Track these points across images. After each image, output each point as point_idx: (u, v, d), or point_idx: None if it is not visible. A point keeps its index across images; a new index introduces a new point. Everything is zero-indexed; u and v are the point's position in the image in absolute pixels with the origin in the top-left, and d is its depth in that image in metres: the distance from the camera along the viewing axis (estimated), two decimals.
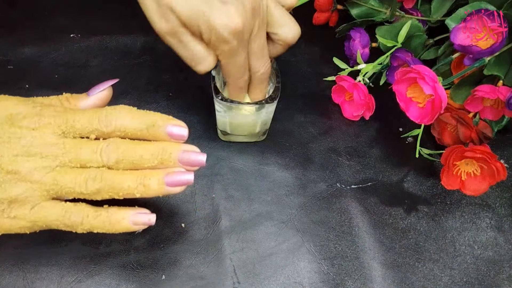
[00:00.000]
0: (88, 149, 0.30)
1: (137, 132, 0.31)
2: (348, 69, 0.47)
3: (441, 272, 0.38)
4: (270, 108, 0.40)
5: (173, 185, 0.31)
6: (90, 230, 0.31)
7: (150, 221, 0.31)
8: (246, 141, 0.44)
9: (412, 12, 0.49)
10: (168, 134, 0.31)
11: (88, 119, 0.31)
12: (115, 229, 0.31)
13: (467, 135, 0.40)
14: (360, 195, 0.42)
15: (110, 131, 0.31)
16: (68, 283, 0.35)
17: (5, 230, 0.30)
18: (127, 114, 0.31)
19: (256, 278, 0.36)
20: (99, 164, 0.30)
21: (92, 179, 0.30)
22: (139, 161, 0.30)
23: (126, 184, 0.30)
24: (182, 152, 0.31)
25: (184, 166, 0.31)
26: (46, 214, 0.30)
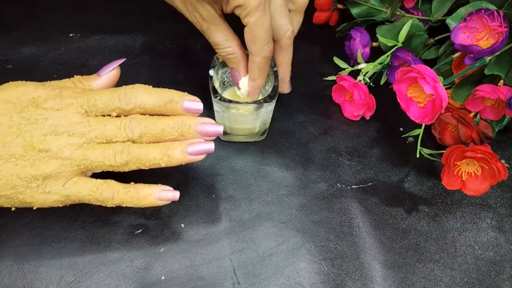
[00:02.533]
0: (112, 126, 0.32)
1: (156, 108, 0.33)
2: (348, 69, 0.47)
3: (441, 272, 0.38)
4: (269, 107, 0.40)
5: (195, 154, 0.33)
6: (119, 204, 0.33)
7: (174, 197, 0.34)
8: (246, 141, 0.44)
9: (412, 11, 0.48)
10: (185, 108, 0.34)
11: (109, 98, 0.33)
12: (142, 204, 0.33)
13: (468, 135, 0.40)
14: (360, 195, 0.42)
15: (130, 108, 0.33)
16: (68, 283, 0.35)
17: (40, 204, 0.32)
18: (145, 91, 0.33)
19: (256, 278, 0.36)
20: (124, 139, 0.33)
21: (120, 152, 0.32)
22: (161, 134, 0.33)
23: (152, 155, 0.32)
24: (200, 124, 0.34)
25: (203, 137, 0.34)
26: (79, 190, 0.32)
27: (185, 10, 0.36)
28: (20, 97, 0.32)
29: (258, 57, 0.37)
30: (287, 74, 0.41)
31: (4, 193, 0.31)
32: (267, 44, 0.36)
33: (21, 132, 0.31)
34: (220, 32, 0.37)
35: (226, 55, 0.38)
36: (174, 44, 0.52)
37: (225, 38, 0.37)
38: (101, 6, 0.54)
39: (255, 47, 0.36)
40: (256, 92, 0.39)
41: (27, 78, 0.46)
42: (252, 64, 0.37)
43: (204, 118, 0.34)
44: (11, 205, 0.32)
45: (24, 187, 0.31)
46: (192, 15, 0.36)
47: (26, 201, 0.32)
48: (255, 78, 0.38)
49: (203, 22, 0.36)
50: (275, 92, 0.39)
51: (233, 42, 0.37)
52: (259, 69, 0.38)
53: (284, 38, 0.38)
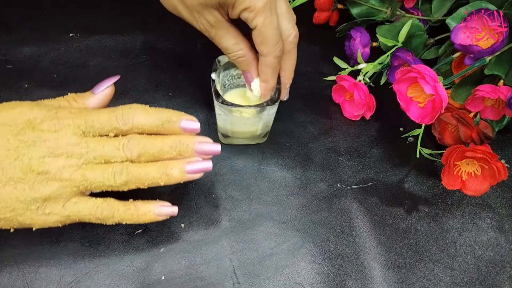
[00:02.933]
0: (111, 146, 0.32)
1: (154, 128, 0.33)
2: (348, 69, 0.47)
3: (441, 272, 0.38)
4: (272, 110, 0.40)
5: (193, 172, 0.34)
6: (119, 222, 0.33)
7: (173, 212, 0.34)
8: (247, 144, 0.44)
9: (412, 11, 0.48)
10: (182, 128, 0.34)
11: (107, 119, 0.33)
12: (142, 220, 0.34)
13: (468, 135, 0.40)
14: (360, 195, 0.42)
15: (128, 128, 0.33)
16: (68, 283, 0.35)
17: (40, 225, 0.32)
18: (142, 112, 0.33)
19: (256, 278, 0.36)
20: (122, 159, 0.33)
21: (119, 172, 0.32)
22: (159, 153, 0.33)
23: (151, 174, 0.33)
24: (197, 143, 0.34)
25: (200, 156, 0.34)
26: (79, 209, 0.32)
27: (191, 19, 0.36)
28: (16, 119, 0.32)
29: (269, 57, 0.37)
30: (289, 79, 0.41)
31: (3, 216, 0.31)
32: (277, 44, 0.36)
33: (19, 155, 0.31)
34: (229, 36, 0.36)
35: (237, 58, 0.38)
36: (174, 44, 0.52)
37: (235, 41, 0.37)
38: (101, 6, 0.54)
39: (266, 48, 0.36)
40: (269, 94, 0.39)
41: (27, 78, 0.47)
42: (264, 65, 0.37)
43: (202, 137, 0.34)
44: (10, 226, 0.32)
45: (24, 209, 0.31)
46: (199, 23, 0.36)
47: (26, 223, 0.31)
48: (267, 79, 0.38)
49: (211, 28, 0.36)
50: (278, 95, 0.39)
51: (243, 44, 0.37)
52: (271, 69, 0.37)
53: (287, 41, 0.38)
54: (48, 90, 0.46)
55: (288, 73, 0.40)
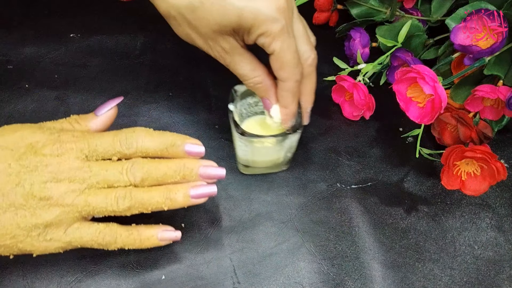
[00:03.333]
0: (114, 170, 0.32)
1: (158, 152, 0.33)
2: (348, 69, 0.47)
3: (441, 272, 0.38)
4: (294, 137, 0.38)
5: (198, 197, 0.33)
6: (122, 247, 0.33)
7: (176, 237, 0.34)
8: (269, 172, 0.42)
9: (412, 12, 0.48)
10: (186, 152, 0.33)
11: (110, 143, 0.32)
12: (145, 245, 0.33)
13: (467, 135, 0.40)
14: (360, 195, 0.42)
15: (132, 152, 0.33)
16: (68, 283, 0.35)
17: (41, 252, 0.32)
18: (146, 135, 0.33)
19: (256, 278, 0.36)
20: (126, 184, 0.32)
21: (122, 197, 0.31)
22: (163, 177, 0.33)
23: (154, 199, 0.32)
24: (202, 167, 0.33)
25: (205, 180, 0.34)
26: (81, 235, 0.32)
27: (206, 47, 0.35)
28: (18, 143, 0.31)
29: (289, 82, 0.35)
30: (309, 104, 0.39)
31: (3, 243, 0.30)
32: (297, 67, 0.35)
33: (20, 181, 0.30)
34: (245, 62, 0.35)
35: (255, 85, 0.36)
36: (174, 44, 0.52)
37: (251, 67, 0.35)
38: (101, 6, 0.54)
39: (285, 72, 0.35)
40: (290, 119, 0.37)
41: (28, 79, 0.47)
42: (283, 90, 0.36)
43: (206, 161, 0.34)
44: (10, 253, 0.31)
45: (25, 236, 0.30)
46: (215, 51, 0.35)
47: (26, 249, 0.31)
48: (287, 105, 0.37)
49: (226, 55, 0.35)
50: (300, 122, 0.38)
51: (260, 70, 0.36)
52: (291, 94, 0.36)
53: (306, 65, 0.37)
54: (49, 90, 0.46)
55: (309, 97, 0.39)
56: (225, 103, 0.47)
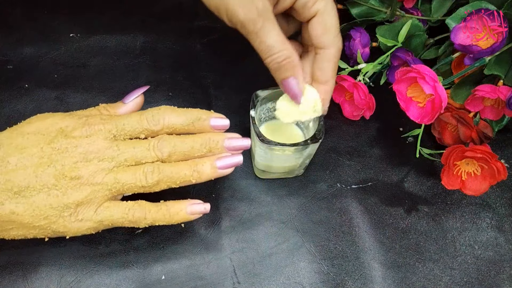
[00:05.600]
0: (141, 147, 0.33)
1: (184, 127, 0.34)
2: (348, 69, 0.47)
3: (441, 272, 0.38)
4: (314, 146, 0.37)
5: (224, 168, 0.34)
6: (152, 223, 0.33)
7: (205, 209, 0.34)
8: (285, 177, 0.42)
9: (412, 11, 0.48)
10: (212, 126, 0.34)
11: (137, 121, 0.33)
12: (175, 220, 0.34)
13: (468, 135, 0.40)
14: (360, 195, 0.42)
15: (159, 129, 0.33)
16: (68, 283, 0.35)
17: (74, 233, 0.32)
18: (172, 112, 0.34)
19: (256, 278, 0.36)
20: (153, 159, 0.33)
21: (151, 172, 0.32)
22: (190, 151, 0.33)
23: (182, 172, 0.33)
24: (227, 139, 0.34)
25: (230, 151, 0.34)
26: (111, 213, 0.32)
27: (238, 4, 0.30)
28: (49, 128, 0.32)
29: (333, 49, 0.32)
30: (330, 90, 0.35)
31: (38, 224, 0.31)
32: (339, 33, 0.32)
33: (52, 162, 0.31)
34: (276, 31, 0.31)
35: (283, 60, 0.32)
36: (174, 44, 0.52)
37: (282, 38, 0.31)
38: (101, 6, 0.54)
39: (328, 37, 0.31)
40: (329, 98, 0.34)
41: (28, 78, 0.47)
42: (325, 61, 0.32)
43: (231, 134, 0.34)
44: (45, 235, 0.32)
45: (57, 216, 0.31)
46: (246, 9, 0.30)
47: (59, 230, 0.32)
48: (328, 79, 0.33)
49: (259, 18, 0.30)
50: (322, 130, 0.36)
51: (289, 43, 0.32)
52: (333, 65, 0.33)
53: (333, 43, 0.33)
54: (49, 90, 0.46)
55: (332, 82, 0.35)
56: (225, 103, 0.47)
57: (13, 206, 0.30)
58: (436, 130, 0.44)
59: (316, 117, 0.37)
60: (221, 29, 0.54)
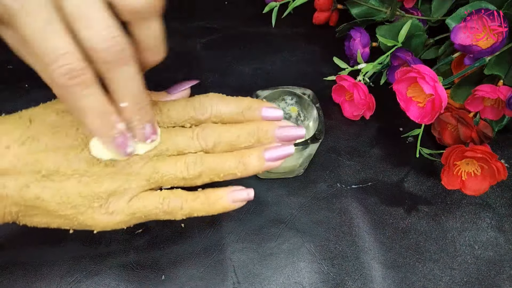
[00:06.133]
0: (184, 136, 0.30)
1: (233, 116, 0.31)
2: (348, 69, 0.47)
3: (441, 272, 0.38)
4: (314, 146, 0.37)
5: (274, 160, 0.30)
6: (190, 214, 0.30)
7: (249, 195, 0.31)
8: (285, 177, 0.42)
9: (412, 11, 0.48)
10: (263, 116, 0.31)
11: (183, 108, 0.31)
12: (215, 209, 0.30)
13: (468, 135, 0.40)
14: (360, 195, 0.42)
15: (206, 118, 0.31)
16: (68, 283, 0.35)
17: (102, 227, 0.29)
18: (220, 100, 0.31)
19: (256, 278, 0.36)
20: (196, 149, 0.30)
21: (193, 163, 0.29)
22: (236, 141, 0.30)
23: (226, 164, 0.30)
24: (278, 128, 0.30)
25: (282, 142, 0.31)
26: (144, 204, 0.29)
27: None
28: None
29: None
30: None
31: (64, 212, 0.28)
32: None
33: (86, 146, 0.28)
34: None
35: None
36: (174, 44, 0.51)
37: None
38: None
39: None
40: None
41: (28, 78, 0.46)
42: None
43: (283, 122, 0.31)
44: (70, 226, 0.30)
45: (86, 206, 0.28)
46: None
47: (87, 223, 0.29)
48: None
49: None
50: (322, 130, 0.37)
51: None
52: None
53: None
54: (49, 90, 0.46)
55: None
56: None
57: (39, 190, 0.27)
58: (436, 130, 0.44)
59: (316, 117, 0.38)
60: (221, 29, 0.54)
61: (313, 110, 0.39)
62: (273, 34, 0.54)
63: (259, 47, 0.52)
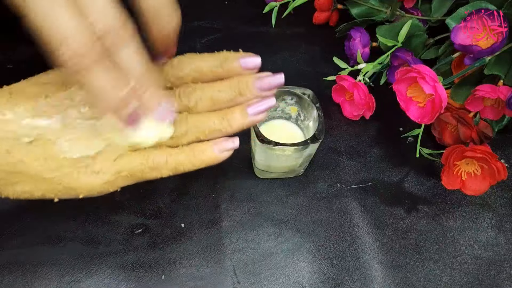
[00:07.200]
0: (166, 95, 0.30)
1: (212, 69, 0.31)
2: (348, 69, 0.47)
3: (441, 272, 0.38)
4: (314, 146, 0.37)
5: (256, 114, 0.31)
6: (176, 169, 0.30)
7: (234, 143, 0.31)
8: (284, 177, 0.42)
9: (412, 11, 0.48)
10: (242, 66, 0.31)
11: (162, 68, 0.31)
12: (201, 160, 0.30)
13: (468, 135, 0.40)
14: (360, 195, 0.42)
15: (184, 74, 0.31)
16: (68, 283, 0.35)
17: (88, 190, 0.29)
18: (197, 56, 0.32)
19: (256, 278, 0.36)
20: (180, 109, 0.31)
21: (178, 121, 0.30)
22: (218, 95, 0.31)
23: (211, 121, 0.30)
24: (258, 78, 0.31)
25: (263, 92, 0.31)
26: (129, 161, 0.29)
27: None
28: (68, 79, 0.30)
29: None
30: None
31: (48, 175, 0.28)
32: None
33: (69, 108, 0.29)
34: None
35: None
36: None
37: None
38: None
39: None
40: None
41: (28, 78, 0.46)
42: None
43: (261, 73, 0.31)
44: (54, 194, 0.29)
45: (71, 167, 0.28)
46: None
47: (71, 186, 0.29)
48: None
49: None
50: (322, 130, 0.37)
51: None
52: None
53: None
54: None
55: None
56: None
57: (23, 154, 0.27)
58: (436, 130, 0.44)
59: (316, 117, 0.38)
60: (221, 29, 0.54)
61: (313, 110, 0.39)
62: (273, 34, 0.54)
63: (259, 47, 0.52)
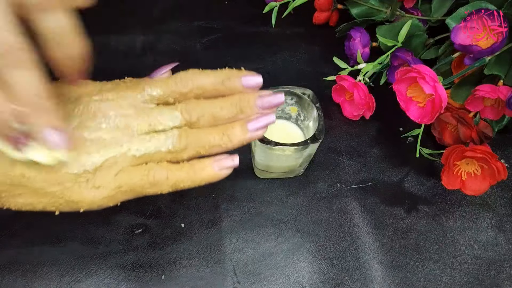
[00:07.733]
0: (168, 110, 0.31)
1: (214, 86, 0.32)
2: (348, 69, 0.47)
3: (441, 272, 0.38)
4: (314, 146, 0.38)
5: (256, 130, 0.31)
6: (176, 185, 0.30)
7: (234, 162, 0.31)
8: (284, 177, 0.42)
9: (412, 11, 0.48)
10: (244, 84, 0.32)
11: (165, 84, 0.32)
12: (201, 178, 0.31)
13: (468, 135, 0.40)
14: (360, 195, 0.42)
15: (188, 90, 0.32)
16: (68, 283, 0.35)
17: (88, 203, 0.29)
18: (200, 72, 0.32)
19: (256, 278, 0.36)
20: (181, 124, 0.31)
21: (178, 136, 0.30)
22: (220, 113, 0.31)
23: (211, 136, 0.31)
24: (259, 97, 0.32)
25: (264, 110, 0.32)
26: (130, 177, 0.30)
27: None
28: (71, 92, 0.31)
29: None
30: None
31: (50, 189, 0.28)
32: None
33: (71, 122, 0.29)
34: None
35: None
36: (174, 44, 0.52)
37: None
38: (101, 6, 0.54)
39: None
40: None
41: None
42: None
43: (263, 91, 0.32)
44: (55, 206, 0.29)
45: (72, 182, 0.28)
46: None
47: (73, 200, 0.29)
48: None
49: None
50: (323, 130, 0.37)
51: None
52: None
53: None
54: None
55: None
56: None
57: (25, 168, 0.28)
58: (436, 130, 0.44)
59: (316, 117, 0.38)
60: (221, 29, 0.54)
61: (313, 110, 0.39)
62: (273, 34, 0.54)
63: (259, 47, 0.52)
